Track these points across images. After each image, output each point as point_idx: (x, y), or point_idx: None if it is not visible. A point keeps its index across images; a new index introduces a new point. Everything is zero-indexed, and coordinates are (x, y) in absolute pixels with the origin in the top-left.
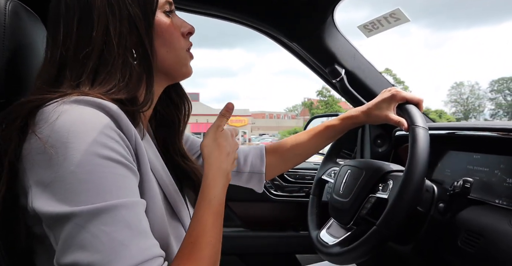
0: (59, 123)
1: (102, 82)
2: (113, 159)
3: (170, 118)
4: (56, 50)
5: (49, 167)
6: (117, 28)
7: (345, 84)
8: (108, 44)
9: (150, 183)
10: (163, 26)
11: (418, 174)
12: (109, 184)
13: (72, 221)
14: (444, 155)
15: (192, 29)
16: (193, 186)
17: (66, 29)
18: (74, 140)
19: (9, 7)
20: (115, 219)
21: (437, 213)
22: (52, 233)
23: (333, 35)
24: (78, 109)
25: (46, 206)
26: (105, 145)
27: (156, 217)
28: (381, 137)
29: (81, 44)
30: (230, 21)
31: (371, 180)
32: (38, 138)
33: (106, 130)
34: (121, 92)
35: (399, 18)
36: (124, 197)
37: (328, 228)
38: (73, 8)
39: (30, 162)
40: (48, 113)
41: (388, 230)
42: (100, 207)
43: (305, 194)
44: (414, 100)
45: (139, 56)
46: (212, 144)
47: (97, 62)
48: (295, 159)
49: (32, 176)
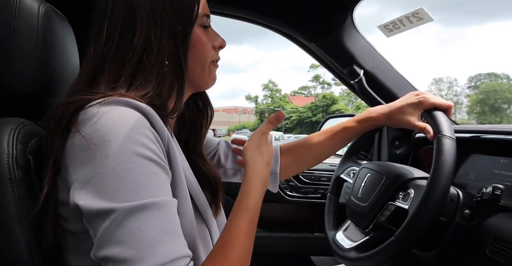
0: (102, 123)
1: (138, 87)
2: (149, 158)
3: (194, 122)
4: (98, 49)
5: (91, 163)
6: (157, 37)
7: (363, 85)
8: (147, 52)
9: (181, 183)
10: (197, 38)
11: (441, 188)
12: (145, 182)
13: (110, 217)
14: (467, 158)
15: (223, 42)
16: (211, 188)
17: (109, 30)
18: (115, 138)
19: (42, 10)
20: (149, 217)
21: (462, 219)
22: (92, 227)
23: (352, 35)
24: (118, 110)
25: (87, 201)
26: (142, 144)
27: (186, 216)
28: (399, 138)
29: (122, 47)
30: (247, 21)
31: (390, 186)
32: (82, 136)
33: (144, 130)
34: (154, 98)
35: (422, 18)
36: (159, 196)
37: (345, 230)
38: (118, 12)
39: (74, 159)
40: (91, 114)
41: (407, 242)
42: (136, 205)
43: (320, 195)
44: (443, 106)
45: (172, 65)
46: (256, 150)
47: (136, 68)
48: (310, 160)
49: (74, 172)
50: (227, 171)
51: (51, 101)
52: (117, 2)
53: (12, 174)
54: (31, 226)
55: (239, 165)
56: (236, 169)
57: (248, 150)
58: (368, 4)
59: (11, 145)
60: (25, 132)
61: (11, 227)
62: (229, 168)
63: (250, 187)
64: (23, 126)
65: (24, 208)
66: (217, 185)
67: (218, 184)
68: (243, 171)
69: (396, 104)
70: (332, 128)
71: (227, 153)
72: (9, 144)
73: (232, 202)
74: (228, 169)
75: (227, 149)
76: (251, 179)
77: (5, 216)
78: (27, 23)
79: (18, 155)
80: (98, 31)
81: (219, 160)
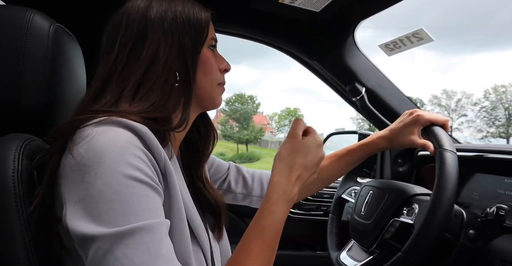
0: (93, 143)
1: (142, 98)
2: (139, 179)
3: (196, 146)
4: (106, 66)
5: (81, 184)
6: (166, 52)
7: (365, 103)
8: (154, 63)
9: (178, 205)
10: (206, 58)
11: (446, 199)
12: (134, 205)
13: (97, 243)
14: (471, 178)
15: (228, 66)
16: (213, 212)
17: (120, 47)
18: (105, 159)
19: (52, 30)
20: (137, 242)
21: (467, 239)
22: (81, 250)
23: (354, 53)
24: (111, 131)
25: (75, 224)
26: (132, 165)
27: (182, 238)
28: (401, 156)
29: (130, 61)
30: (252, 40)
31: (394, 202)
32: (73, 156)
33: (135, 151)
34: (158, 111)
35: (422, 38)
36: (148, 218)
37: (349, 250)
38: (131, 29)
39: (65, 178)
40: (85, 134)
41: (414, 257)
42: (123, 230)
43: (323, 212)
44: (439, 121)
45: (181, 80)
46: (287, 158)
47: (141, 78)
48: (317, 184)
49: (65, 191)
50: (237, 195)
51: (58, 118)
52: (130, 22)
53: (17, 189)
54: (33, 241)
55: None
56: (246, 194)
57: (277, 158)
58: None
59: (17, 160)
60: (31, 148)
61: (13, 241)
62: (239, 193)
63: (269, 204)
64: (29, 142)
65: (26, 223)
66: (220, 209)
67: (221, 208)
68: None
69: (395, 127)
70: (337, 153)
71: (237, 178)
72: (15, 159)
73: (235, 220)
74: (238, 193)
75: (237, 174)
76: (272, 195)
77: (8, 230)
78: (38, 42)
79: (24, 170)
80: (109, 49)
81: (229, 184)
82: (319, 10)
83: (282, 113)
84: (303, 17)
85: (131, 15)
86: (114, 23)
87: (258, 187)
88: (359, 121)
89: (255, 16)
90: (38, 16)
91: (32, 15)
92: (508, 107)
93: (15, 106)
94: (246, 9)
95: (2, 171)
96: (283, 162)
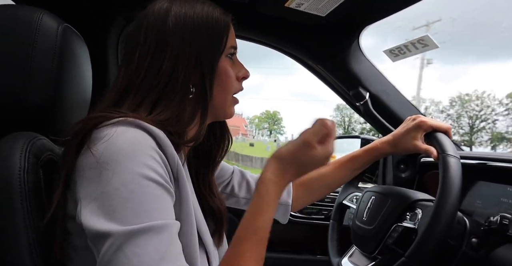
0: (111, 142)
1: (159, 113)
2: (154, 180)
3: (209, 151)
4: (127, 75)
5: (98, 182)
6: (185, 66)
7: (369, 108)
8: (173, 80)
9: (188, 208)
10: (223, 69)
11: (450, 204)
12: (147, 204)
13: (109, 240)
14: (474, 186)
15: (247, 73)
16: (215, 218)
17: (140, 58)
18: (122, 159)
19: (61, 30)
20: (147, 242)
21: (469, 248)
22: (94, 246)
23: (358, 58)
24: (129, 131)
25: (89, 220)
26: (148, 166)
27: (190, 241)
28: (404, 161)
29: (150, 74)
30: (259, 43)
31: (397, 208)
32: (92, 153)
33: (151, 152)
34: (173, 125)
35: (428, 44)
36: (159, 219)
37: (350, 256)
38: (150, 39)
39: (82, 176)
40: (103, 133)
41: (417, 262)
42: (135, 229)
43: (324, 216)
44: (442, 128)
45: (197, 93)
46: (287, 162)
47: (160, 95)
48: (321, 190)
49: (82, 189)
50: (240, 200)
51: (63, 117)
52: (149, 32)
53: (23, 187)
54: (37, 239)
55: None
56: (249, 198)
57: (275, 157)
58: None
59: (23, 158)
60: (38, 146)
61: (18, 239)
62: (242, 197)
63: (263, 203)
64: (36, 140)
65: (31, 220)
66: (222, 216)
67: (223, 215)
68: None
69: (398, 133)
70: (340, 159)
71: (240, 182)
72: (21, 157)
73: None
74: (241, 198)
75: (241, 178)
76: (265, 194)
77: (12, 228)
78: (46, 42)
79: (30, 169)
80: (129, 59)
81: (232, 189)
82: (324, 15)
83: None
84: (308, 22)
85: (149, 25)
86: (132, 34)
87: None
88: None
89: (261, 19)
90: (47, 16)
91: (42, 15)
92: (472, 117)
93: (22, 105)
94: (252, 13)
95: (8, 169)
96: (280, 162)
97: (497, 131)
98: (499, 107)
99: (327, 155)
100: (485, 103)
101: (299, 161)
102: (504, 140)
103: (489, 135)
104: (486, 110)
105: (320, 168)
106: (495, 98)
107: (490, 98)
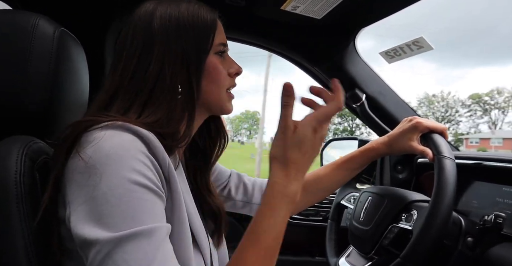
0: (99, 147)
1: (149, 115)
2: (142, 184)
3: (204, 150)
4: (114, 78)
5: (86, 186)
6: (171, 66)
7: (365, 109)
8: (160, 81)
9: (180, 210)
10: (212, 66)
11: (445, 205)
12: (134, 209)
13: (97, 247)
14: (470, 186)
15: (239, 69)
16: (215, 218)
17: (127, 60)
18: (111, 162)
19: (57, 34)
20: (135, 247)
21: (465, 247)
22: (82, 252)
23: (354, 60)
24: (118, 135)
25: (78, 226)
26: (136, 170)
27: (182, 242)
28: (401, 162)
29: (136, 77)
30: (254, 45)
31: (393, 209)
32: (81, 157)
33: (140, 156)
34: (163, 126)
35: (422, 46)
36: (147, 223)
37: (348, 256)
38: (137, 41)
39: (71, 180)
40: (92, 137)
41: (412, 263)
42: (123, 235)
43: (322, 218)
44: (438, 129)
45: (184, 93)
46: (279, 156)
47: (148, 97)
48: (319, 193)
49: (70, 193)
50: (237, 203)
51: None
52: (136, 34)
53: (19, 190)
54: (33, 241)
55: None
56: (246, 201)
57: (270, 158)
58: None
59: (20, 161)
60: (34, 150)
61: (14, 241)
62: (239, 200)
63: (267, 209)
64: (32, 144)
65: (27, 223)
66: (221, 216)
67: (222, 215)
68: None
69: (394, 133)
70: (336, 161)
71: (238, 185)
72: (17, 160)
73: (233, 224)
74: (238, 201)
75: (238, 181)
76: (271, 198)
77: (9, 231)
78: (43, 46)
79: (26, 172)
80: (116, 63)
81: (229, 192)
82: (320, 18)
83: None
84: (304, 24)
85: (136, 27)
86: (120, 40)
87: (259, 195)
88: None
89: (257, 22)
90: (44, 20)
91: (38, 20)
92: (438, 118)
93: (19, 108)
94: (248, 16)
95: (4, 172)
96: (276, 160)
97: (459, 132)
98: (463, 108)
99: (312, 128)
100: (450, 104)
101: (290, 148)
102: (459, 142)
103: (452, 136)
104: (451, 112)
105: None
106: (459, 100)
107: (454, 100)
